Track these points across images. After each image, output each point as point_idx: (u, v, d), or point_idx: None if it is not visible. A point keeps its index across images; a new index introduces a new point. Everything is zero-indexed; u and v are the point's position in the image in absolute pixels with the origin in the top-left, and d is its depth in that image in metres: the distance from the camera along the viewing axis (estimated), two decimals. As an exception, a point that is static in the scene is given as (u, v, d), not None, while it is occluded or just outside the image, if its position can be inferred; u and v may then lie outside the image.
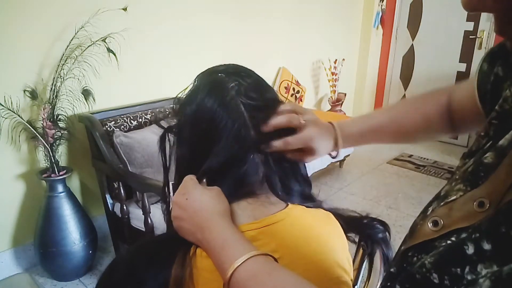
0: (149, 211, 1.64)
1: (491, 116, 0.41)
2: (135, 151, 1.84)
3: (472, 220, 0.33)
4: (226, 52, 2.68)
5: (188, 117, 0.60)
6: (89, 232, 1.87)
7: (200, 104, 0.58)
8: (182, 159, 0.62)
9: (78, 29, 1.80)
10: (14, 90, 1.73)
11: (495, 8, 0.25)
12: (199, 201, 0.54)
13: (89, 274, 1.94)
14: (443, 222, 0.37)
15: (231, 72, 0.61)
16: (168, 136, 0.64)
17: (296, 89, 3.22)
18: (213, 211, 0.53)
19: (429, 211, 0.41)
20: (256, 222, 0.56)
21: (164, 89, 2.30)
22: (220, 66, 0.63)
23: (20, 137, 1.79)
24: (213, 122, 0.57)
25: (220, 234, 0.50)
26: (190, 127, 0.60)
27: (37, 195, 1.89)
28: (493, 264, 0.29)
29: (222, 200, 0.56)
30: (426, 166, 3.32)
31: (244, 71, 0.63)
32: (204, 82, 0.61)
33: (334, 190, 2.90)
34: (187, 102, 0.61)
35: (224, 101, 0.57)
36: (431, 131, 0.67)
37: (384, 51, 4.21)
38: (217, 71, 0.62)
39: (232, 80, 0.59)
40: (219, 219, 0.52)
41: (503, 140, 0.37)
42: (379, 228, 0.71)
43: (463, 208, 0.35)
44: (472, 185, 0.38)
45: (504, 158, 0.35)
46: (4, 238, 1.89)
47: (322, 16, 3.46)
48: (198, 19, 2.46)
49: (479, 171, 0.38)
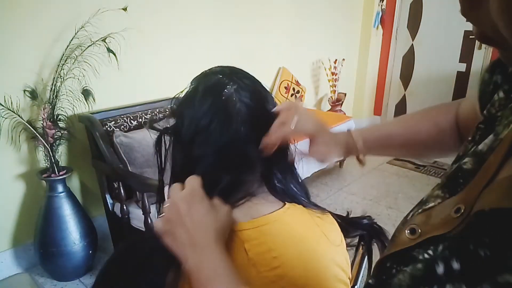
0: (149, 211, 1.64)
1: (479, 121, 0.40)
2: (135, 151, 1.84)
3: (448, 227, 0.32)
4: (226, 52, 2.68)
5: (185, 118, 0.60)
6: (89, 232, 1.87)
7: (196, 105, 0.58)
8: (178, 161, 0.62)
9: (78, 29, 1.80)
10: (14, 90, 1.73)
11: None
12: (202, 215, 0.51)
13: (89, 274, 1.94)
14: (420, 230, 0.35)
15: (228, 73, 0.61)
16: (164, 137, 0.63)
17: (296, 89, 3.22)
18: (211, 235, 0.50)
19: (409, 217, 0.39)
20: (253, 221, 0.56)
21: (164, 89, 2.30)
22: (216, 68, 0.63)
23: (20, 137, 1.79)
24: (210, 124, 0.57)
25: (212, 263, 0.47)
26: (187, 129, 0.59)
27: (37, 195, 1.89)
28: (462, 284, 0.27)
29: (223, 220, 0.53)
30: (426, 166, 3.32)
31: (240, 72, 0.63)
32: (201, 83, 0.61)
33: (334, 190, 2.90)
34: (183, 103, 0.61)
35: (221, 103, 0.57)
36: (442, 142, 0.64)
37: (384, 51, 4.21)
38: (213, 72, 0.62)
39: (229, 80, 0.59)
40: (215, 244, 0.49)
41: (482, 145, 0.36)
42: (375, 223, 0.71)
43: (440, 215, 0.34)
44: (450, 192, 0.36)
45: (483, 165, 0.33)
46: (4, 238, 1.89)
47: (322, 16, 3.46)
48: (198, 19, 2.46)
49: (458, 177, 0.37)
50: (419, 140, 0.64)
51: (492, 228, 0.27)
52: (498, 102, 0.40)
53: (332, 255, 0.60)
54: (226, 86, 0.58)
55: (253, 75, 0.64)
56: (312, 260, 0.57)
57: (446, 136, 0.62)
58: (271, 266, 0.54)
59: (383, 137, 0.64)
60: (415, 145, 0.64)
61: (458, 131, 0.62)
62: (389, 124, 0.67)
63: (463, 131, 0.61)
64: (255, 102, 0.59)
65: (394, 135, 0.64)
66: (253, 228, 0.56)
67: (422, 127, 0.63)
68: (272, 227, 0.57)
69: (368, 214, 0.72)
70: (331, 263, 0.59)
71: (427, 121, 0.64)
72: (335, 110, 3.61)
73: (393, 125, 0.66)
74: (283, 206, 0.60)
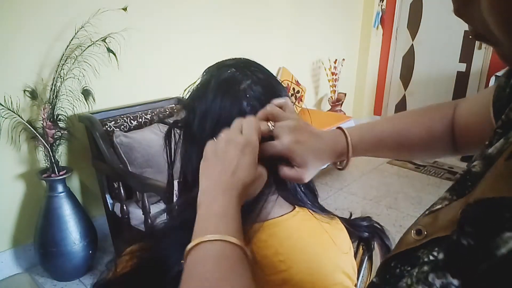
0: (149, 211, 1.64)
1: (497, 125, 0.40)
2: (135, 151, 1.84)
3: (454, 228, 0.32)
4: (226, 52, 2.67)
5: (197, 112, 0.57)
6: (89, 232, 1.87)
7: (209, 99, 0.56)
8: (189, 156, 0.59)
9: (78, 29, 1.80)
10: (14, 90, 1.73)
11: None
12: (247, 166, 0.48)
13: (89, 274, 1.94)
14: (426, 232, 0.35)
15: (242, 66, 0.59)
16: (174, 131, 0.61)
17: (296, 89, 3.22)
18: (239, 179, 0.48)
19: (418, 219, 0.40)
20: (262, 223, 0.56)
21: (164, 89, 2.30)
22: (230, 60, 0.61)
23: (20, 137, 1.79)
24: (223, 120, 0.54)
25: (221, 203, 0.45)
26: (199, 123, 0.57)
27: (37, 195, 1.89)
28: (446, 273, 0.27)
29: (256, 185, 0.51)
30: (426, 166, 3.32)
31: (255, 65, 0.60)
32: (215, 77, 0.58)
33: (334, 190, 2.90)
34: (196, 97, 0.58)
35: (234, 98, 0.55)
36: (434, 148, 0.63)
37: (384, 51, 4.21)
38: (226, 65, 0.59)
39: (244, 75, 0.57)
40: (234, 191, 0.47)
41: (492, 148, 0.36)
42: (376, 222, 0.71)
43: (447, 217, 0.34)
44: (458, 194, 0.36)
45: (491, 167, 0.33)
46: (4, 238, 1.89)
47: (322, 16, 3.46)
48: (198, 19, 2.46)
49: (466, 180, 0.37)
50: (410, 145, 0.62)
51: (475, 218, 0.28)
52: None
53: (338, 262, 0.60)
54: (240, 81, 0.57)
55: None
56: (319, 265, 0.57)
57: (438, 142, 0.62)
58: (277, 269, 0.53)
59: (374, 141, 0.62)
60: (405, 149, 0.63)
61: (452, 135, 0.61)
62: (380, 126, 0.64)
63: (459, 134, 0.60)
64: (268, 97, 0.57)
65: (386, 139, 0.62)
66: (261, 231, 0.55)
67: (414, 132, 0.62)
68: (281, 231, 0.56)
69: (368, 214, 0.72)
70: (338, 270, 0.59)
71: (419, 126, 0.62)
72: (335, 110, 3.61)
73: (384, 127, 0.64)
74: (293, 210, 0.59)
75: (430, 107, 0.65)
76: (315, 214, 0.62)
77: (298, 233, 0.57)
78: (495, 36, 0.24)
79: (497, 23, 0.23)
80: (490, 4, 0.22)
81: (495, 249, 0.24)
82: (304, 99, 3.31)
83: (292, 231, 0.57)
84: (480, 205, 0.28)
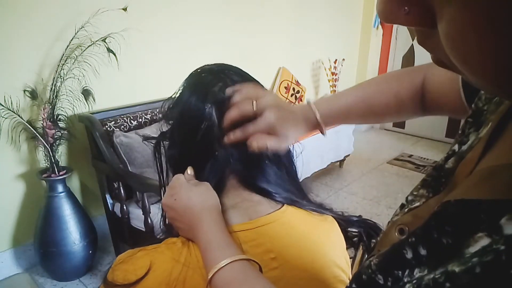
0: (149, 211, 1.64)
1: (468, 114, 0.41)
2: (135, 151, 1.84)
3: None
4: (227, 52, 2.68)
5: (175, 119, 0.62)
6: (89, 232, 1.87)
7: (184, 104, 0.59)
8: (173, 159, 0.63)
9: (78, 29, 1.80)
10: (14, 90, 1.73)
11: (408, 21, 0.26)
12: (186, 199, 0.54)
13: (89, 274, 1.94)
14: (408, 229, 0.36)
15: (216, 70, 0.61)
16: (163, 143, 0.65)
17: (296, 89, 3.22)
18: (201, 208, 0.53)
19: (394, 218, 0.41)
20: (251, 222, 0.56)
21: (163, 89, 2.29)
22: (205, 66, 0.63)
23: (20, 137, 1.79)
24: (195, 121, 0.57)
25: (206, 234, 0.51)
26: (178, 128, 0.61)
27: (37, 195, 1.89)
28: (426, 269, 0.28)
29: (210, 195, 0.55)
30: (426, 166, 3.32)
31: (230, 68, 0.62)
32: (189, 83, 0.61)
33: (334, 190, 2.90)
34: (173, 104, 0.62)
35: (206, 101, 0.58)
36: (402, 113, 0.65)
37: (384, 51, 4.21)
38: (199, 72, 0.62)
39: (215, 79, 0.59)
40: (207, 216, 0.52)
41: (465, 146, 0.37)
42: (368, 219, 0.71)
43: (425, 214, 0.35)
44: (434, 191, 0.37)
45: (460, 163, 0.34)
46: (4, 238, 1.89)
47: (322, 16, 3.46)
48: (198, 19, 2.46)
49: (440, 176, 0.38)
50: (377, 112, 0.65)
51: (454, 218, 0.29)
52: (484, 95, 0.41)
53: (331, 256, 0.60)
54: (212, 84, 0.59)
55: (250, 74, 0.64)
56: (312, 260, 0.57)
57: (405, 107, 0.64)
58: (270, 267, 0.54)
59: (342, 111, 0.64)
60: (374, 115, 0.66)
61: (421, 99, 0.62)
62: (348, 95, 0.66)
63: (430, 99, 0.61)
64: None
65: (353, 108, 0.65)
66: (251, 229, 0.55)
67: (382, 99, 0.64)
68: (270, 228, 0.56)
69: (368, 214, 0.72)
70: (331, 264, 0.59)
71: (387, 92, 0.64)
72: (335, 110, 3.61)
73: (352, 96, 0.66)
74: (281, 207, 0.60)
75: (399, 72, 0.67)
76: (305, 209, 0.62)
77: (288, 229, 0.58)
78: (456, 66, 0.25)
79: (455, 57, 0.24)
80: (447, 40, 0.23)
81: (465, 248, 0.25)
82: (304, 99, 3.31)
83: (282, 227, 0.57)
84: (460, 205, 0.29)
